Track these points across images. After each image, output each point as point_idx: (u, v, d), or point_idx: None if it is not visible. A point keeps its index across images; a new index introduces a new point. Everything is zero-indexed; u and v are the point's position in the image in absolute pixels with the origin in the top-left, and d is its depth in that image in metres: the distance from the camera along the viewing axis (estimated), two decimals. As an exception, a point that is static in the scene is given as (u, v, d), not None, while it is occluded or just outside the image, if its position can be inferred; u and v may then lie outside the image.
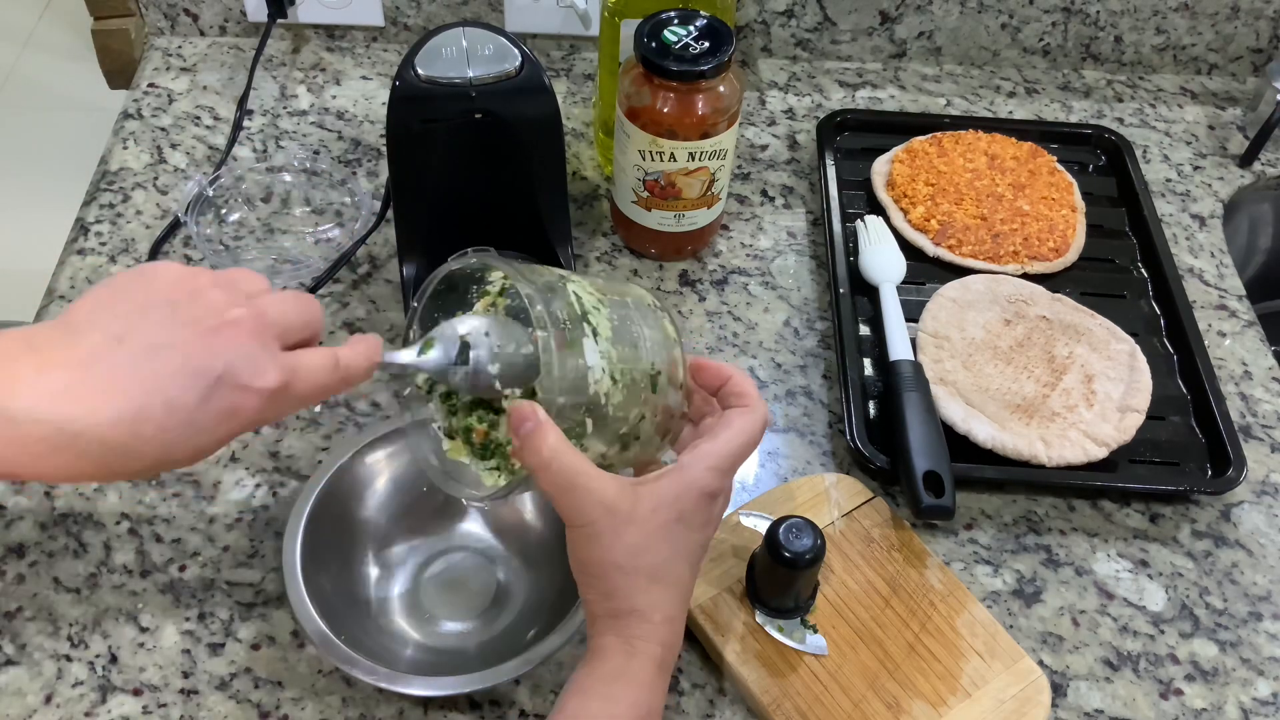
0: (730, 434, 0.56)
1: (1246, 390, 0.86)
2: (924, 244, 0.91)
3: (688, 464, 0.55)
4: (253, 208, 0.91)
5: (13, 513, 0.73)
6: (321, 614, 0.63)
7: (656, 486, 0.54)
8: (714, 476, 0.56)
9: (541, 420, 0.52)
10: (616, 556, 0.54)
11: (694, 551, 0.56)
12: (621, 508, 0.53)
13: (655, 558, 0.54)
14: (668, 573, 0.55)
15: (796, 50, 1.09)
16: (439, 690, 0.64)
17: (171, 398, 0.48)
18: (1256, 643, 0.72)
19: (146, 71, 1.04)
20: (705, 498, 0.55)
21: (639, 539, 0.54)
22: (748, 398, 0.58)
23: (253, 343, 0.50)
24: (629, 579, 0.54)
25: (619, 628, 0.54)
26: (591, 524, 0.53)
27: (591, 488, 0.53)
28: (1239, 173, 1.03)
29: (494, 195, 0.82)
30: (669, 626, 0.55)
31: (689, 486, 0.55)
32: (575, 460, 0.53)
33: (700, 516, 0.56)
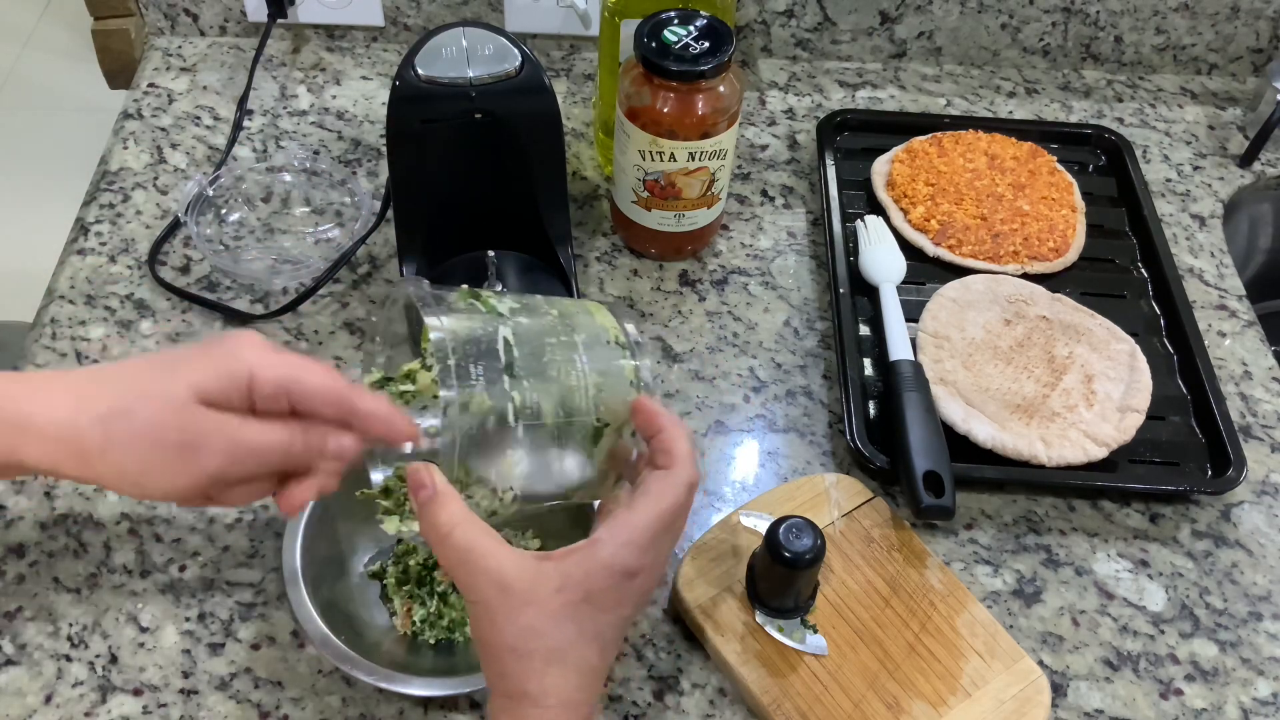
0: (647, 502, 0.52)
1: (1246, 390, 0.86)
2: (924, 244, 0.91)
3: (601, 540, 0.51)
4: (253, 208, 0.91)
5: (13, 513, 0.73)
6: (321, 614, 0.63)
7: (563, 564, 0.51)
8: (630, 553, 0.51)
9: (439, 490, 0.50)
10: (509, 638, 0.50)
11: (603, 633, 0.52)
12: (518, 587, 0.50)
13: (554, 640, 0.50)
14: (569, 656, 0.51)
15: (796, 50, 1.09)
16: (439, 690, 0.64)
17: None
18: (1256, 643, 0.72)
19: (146, 71, 1.04)
20: (618, 576, 0.51)
21: (535, 620, 0.50)
22: (671, 457, 0.54)
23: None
24: (521, 662, 0.50)
25: (511, 709, 0.51)
26: (484, 601, 0.50)
27: (487, 565, 0.50)
28: (1239, 173, 1.03)
29: (494, 195, 0.82)
30: (567, 713, 0.51)
31: (600, 565, 0.51)
32: (473, 534, 0.50)
33: (612, 596, 0.51)
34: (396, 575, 0.69)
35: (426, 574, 0.69)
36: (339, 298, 0.86)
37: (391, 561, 0.70)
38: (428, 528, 0.51)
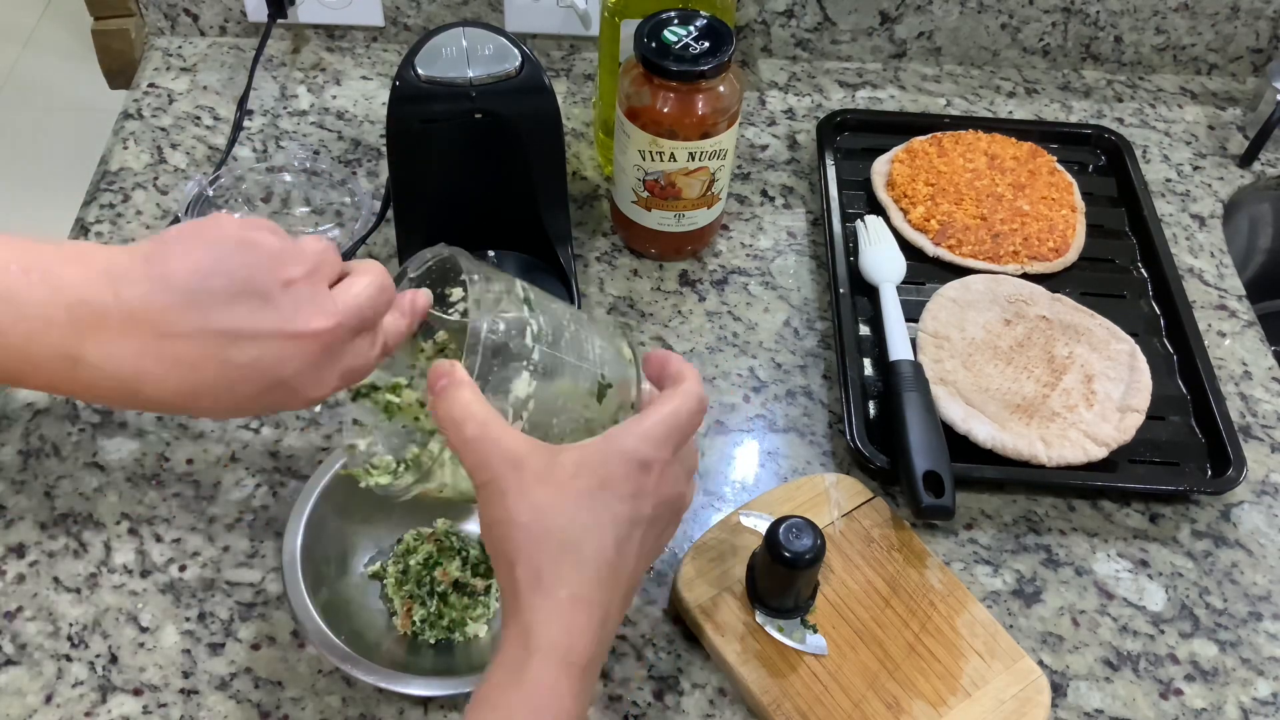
0: (659, 404, 0.53)
1: (1246, 390, 0.86)
2: (924, 244, 0.91)
3: (615, 432, 0.51)
4: (253, 208, 0.91)
5: (13, 513, 0.73)
6: (321, 614, 0.63)
7: (579, 452, 0.50)
8: (644, 443, 0.51)
9: (457, 376, 0.50)
10: (521, 514, 0.48)
11: (621, 525, 0.49)
12: (531, 463, 0.49)
13: (568, 522, 0.48)
14: (585, 544, 0.48)
15: (796, 50, 1.09)
16: (439, 690, 0.64)
17: (232, 386, 0.51)
18: (1256, 643, 0.72)
19: (146, 71, 1.04)
20: (634, 465, 0.50)
21: (550, 498, 0.48)
22: (681, 377, 0.55)
23: (321, 356, 0.52)
24: (534, 543, 0.48)
25: (520, 609, 0.48)
26: (497, 479, 0.49)
27: (501, 442, 0.49)
28: (1239, 173, 1.03)
29: (494, 195, 0.82)
30: (579, 609, 0.48)
31: (615, 451, 0.50)
32: (487, 414, 0.50)
33: (628, 485, 0.50)
34: (396, 575, 0.70)
35: (427, 574, 0.69)
36: (339, 298, 0.86)
37: (391, 561, 0.70)
38: (443, 411, 0.50)
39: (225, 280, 0.50)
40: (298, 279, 0.51)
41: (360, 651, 0.62)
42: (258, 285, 0.50)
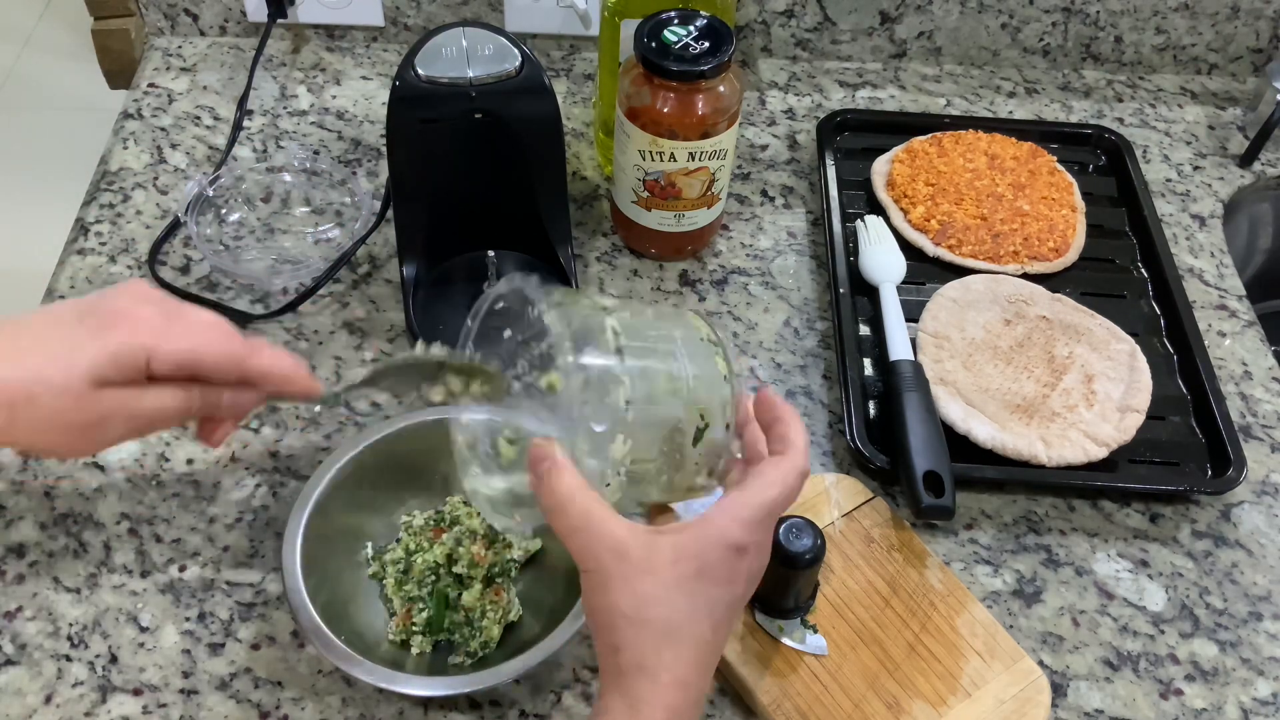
0: (761, 484, 0.53)
1: (1246, 390, 0.86)
2: (924, 244, 0.91)
3: (712, 515, 0.52)
4: (253, 208, 0.91)
5: (13, 513, 0.73)
6: (321, 614, 0.63)
7: (677, 537, 0.51)
8: (740, 528, 0.52)
9: (559, 461, 0.51)
10: (625, 605, 0.50)
11: (716, 609, 0.52)
12: (635, 555, 0.50)
13: (670, 611, 0.50)
14: (684, 630, 0.50)
15: (796, 50, 1.09)
16: (439, 690, 0.64)
17: (44, 329, 0.54)
18: (1256, 643, 0.72)
19: (146, 71, 1.04)
20: (730, 550, 0.51)
21: (652, 589, 0.50)
22: (788, 444, 0.55)
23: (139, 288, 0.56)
24: (638, 632, 0.50)
25: (624, 686, 0.50)
26: (602, 569, 0.50)
27: (605, 531, 0.50)
28: (1239, 173, 1.03)
29: (494, 195, 0.82)
30: (680, 691, 0.50)
31: (712, 538, 0.51)
32: (589, 502, 0.50)
33: (723, 571, 0.51)
34: (396, 575, 0.69)
35: (428, 574, 0.69)
36: (339, 298, 0.86)
37: (391, 562, 0.70)
38: (547, 496, 0.51)
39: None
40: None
41: (360, 651, 0.62)
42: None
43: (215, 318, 0.58)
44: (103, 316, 0.54)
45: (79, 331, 0.54)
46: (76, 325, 0.54)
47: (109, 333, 0.54)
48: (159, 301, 0.56)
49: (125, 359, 0.54)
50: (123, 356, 0.54)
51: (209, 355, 0.56)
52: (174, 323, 0.55)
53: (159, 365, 0.55)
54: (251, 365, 0.58)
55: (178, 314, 0.56)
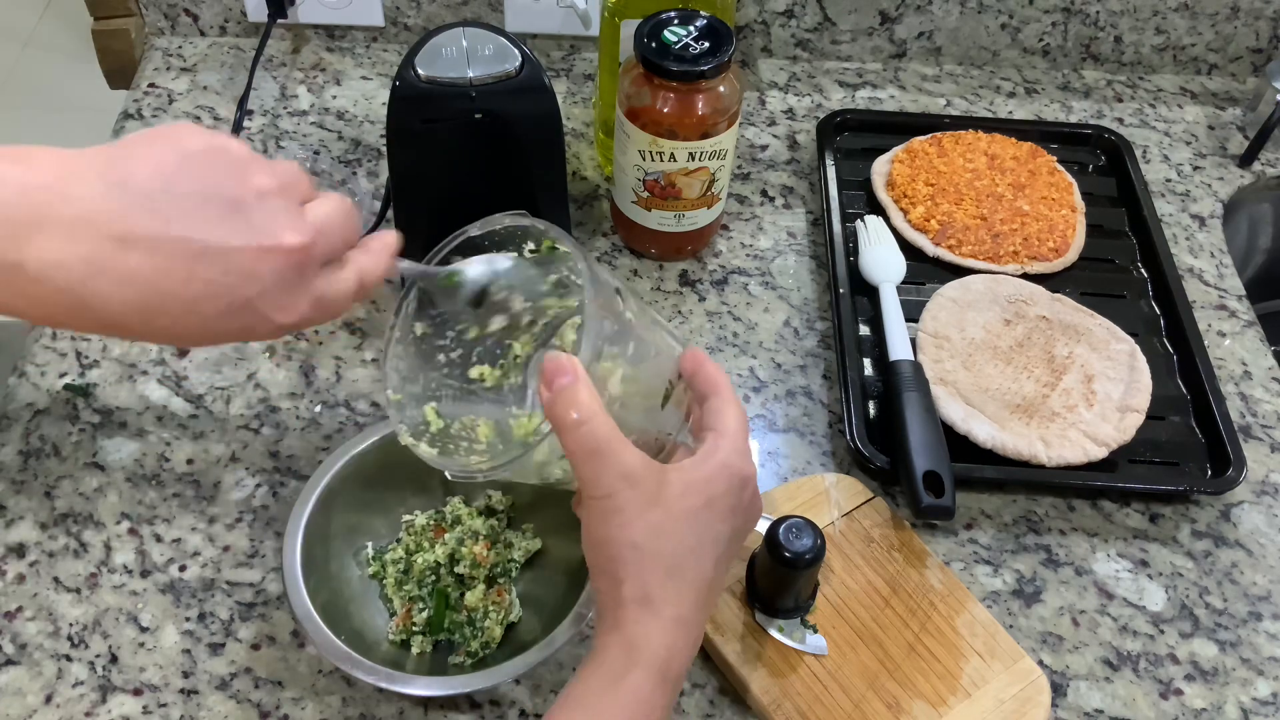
0: (727, 417, 0.53)
1: (1246, 390, 0.86)
2: (924, 244, 0.91)
3: (713, 449, 0.52)
4: (253, 208, 0.91)
5: (13, 513, 0.73)
6: (321, 614, 0.63)
7: (686, 470, 0.51)
8: (741, 459, 0.52)
9: (580, 376, 0.49)
10: (635, 535, 0.49)
11: (719, 544, 0.52)
12: (646, 484, 0.49)
13: (677, 545, 0.50)
14: (688, 565, 0.50)
15: (796, 50, 1.09)
16: (439, 690, 0.64)
17: (194, 302, 0.47)
18: (1256, 643, 0.72)
19: (146, 71, 1.04)
20: (736, 480, 0.52)
21: (662, 520, 0.49)
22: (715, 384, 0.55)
23: (293, 274, 0.49)
24: (644, 563, 0.49)
25: (624, 622, 0.49)
26: (613, 495, 0.49)
27: (620, 458, 0.49)
28: (1239, 173, 1.03)
29: (494, 195, 0.82)
30: (680, 629, 0.50)
31: (721, 467, 0.51)
32: (606, 425, 0.49)
33: (729, 501, 0.52)
34: (396, 575, 0.69)
35: (428, 574, 0.69)
36: (339, 298, 0.86)
37: (392, 562, 0.70)
38: (561, 412, 0.48)
39: (191, 184, 0.47)
40: (269, 190, 0.48)
41: (360, 651, 0.62)
42: (227, 192, 0.47)
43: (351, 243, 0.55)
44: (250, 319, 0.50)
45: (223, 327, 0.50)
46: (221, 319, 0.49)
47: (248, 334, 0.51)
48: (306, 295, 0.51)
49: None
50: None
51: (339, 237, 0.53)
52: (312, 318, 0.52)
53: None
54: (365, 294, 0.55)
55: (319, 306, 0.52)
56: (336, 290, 0.52)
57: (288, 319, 0.50)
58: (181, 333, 0.49)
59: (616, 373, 0.52)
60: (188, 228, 0.46)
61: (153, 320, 0.48)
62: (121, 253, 0.46)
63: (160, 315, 0.48)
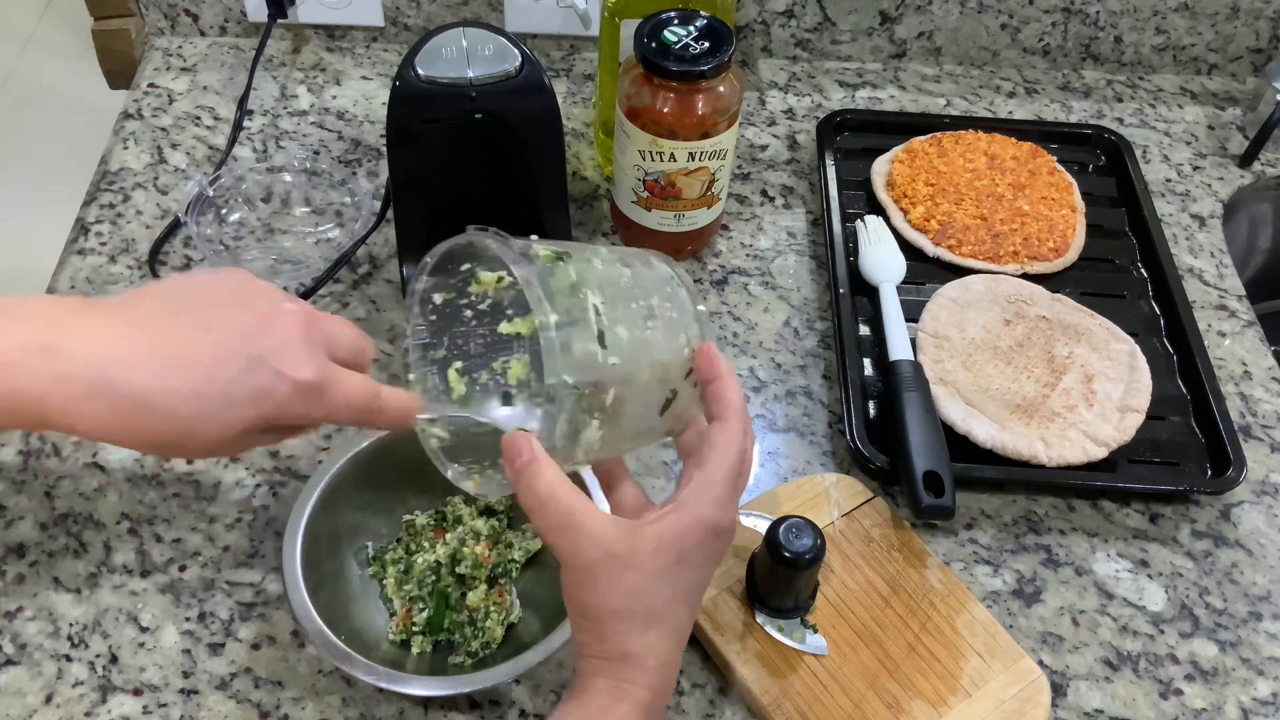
0: (717, 456, 0.53)
1: (1246, 390, 0.86)
2: (924, 244, 0.91)
3: (687, 501, 0.53)
4: (253, 208, 0.91)
5: (13, 513, 0.73)
6: (321, 614, 0.63)
7: (658, 527, 0.52)
8: (716, 509, 0.53)
9: (537, 455, 0.50)
10: (613, 601, 0.51)
11: (693, 593, 0.54)
12: (619, 550, 0.51)
13: (653, 601, 0.52)
14: (665, 616, 0.52)
15: (796, 50, 1.09)
16: (439, 690, 0.64)
17: (212, 366, 0.52)
18: (1256, 643, 0.72)
19: (146, 71, 1.04)
20: (709, 533, 0.53)
21: (637, 582, 0.51)
22: (724, 405, 0.55)
23: (299, 337, 0.54)
24: (624, 623, 0.52)
25: (610, 669, 0.52)
26: (589, 566, 0.51)
27: (590, 529, 0.51)
28: (1239, 173, 1.03)
29: (494, 195, 0.82)
30: (661, 672, 0.53)
31: (692, 524, 0.52)
32: (570, 499, 0.51)
33: (702, 554, 0.53)
34: (396, 575, 0.69)
35: (429, 574, 0.69)
36: (339, 298, 0.86)
37: (392, 562, 0.70)
38: (526, 493, 0.51)
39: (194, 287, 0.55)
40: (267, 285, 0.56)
41: (360, 651, 0.62)
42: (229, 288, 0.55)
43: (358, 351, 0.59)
44: (269, 376, 0.53)
45: (241, 390, 0.53)
46: (239, 380, 0.52)
47: (268, 398, 0.53)
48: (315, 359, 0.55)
49: (278, 421, 0.55)
50: (276, 420, 0.54)
51: (345, 416, 0.57)
52: (325, 388, 0.55)
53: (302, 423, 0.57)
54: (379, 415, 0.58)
55: (331, 378, 0.55)
56: (349, 377, 0.56)
57: (298, 374, 0.53)
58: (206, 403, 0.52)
59: (592, 423, 0.52)
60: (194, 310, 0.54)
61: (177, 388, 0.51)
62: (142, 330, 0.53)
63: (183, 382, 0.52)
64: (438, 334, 0.60)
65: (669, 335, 0.55)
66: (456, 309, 0.60)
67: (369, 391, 0.57)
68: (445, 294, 0.60)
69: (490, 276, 0.60)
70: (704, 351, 0.56)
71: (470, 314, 0.61)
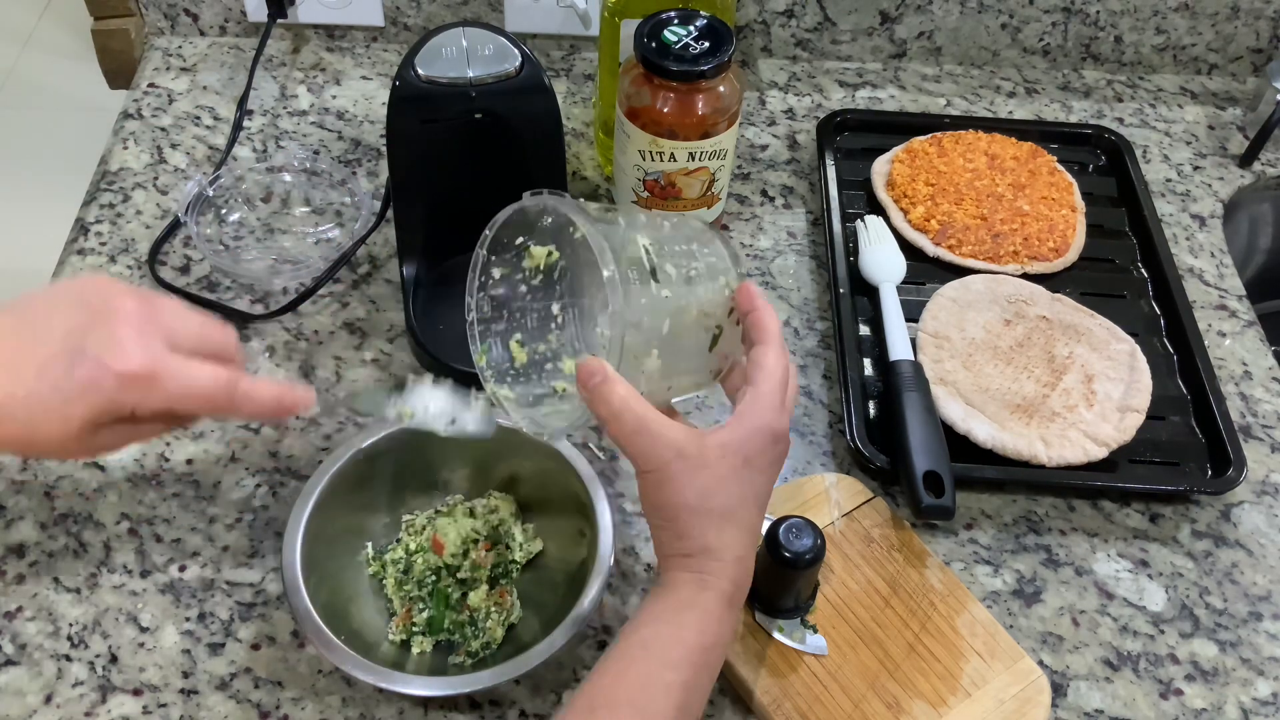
0: (765, 373, 0.58)
1: (1246, 390, 0.86)
2: (924, 244, 0.91)
3: (745, 412, 0.58)
4: (253, 208, 0.91)
5: (13, 513, 0.73)
6: (321, 614, 0.63)
7: (723, 434, 0.57)
8: (772, 415, 0.58)
9: (609, 374, 0.55)
10: (689, 498, 0.55)
11: (761, 494, 0.58)
12: (691, 452, 0.55)
13: (726, 499, 0.56)
14: (739, 515, 0.57)
15: (796, 50, 1.09)
16: (439, 690, 0.64)
17: (43, 367, 0.55)
18: (1256, 643, 0.72)
19: (146, 71, 1.04)
20: (769, 439, 0.57)
21: (709, 481, 0.56)
22: (764, 331, 0.60)
23: (128, 329, 0.56)
24: (701, 520, 0.56)
25: (691, 564, 0.56)
26: (663, 467, 0.55)
27: (663, 433, 0.55)
28: (1239, 173, 1.03)
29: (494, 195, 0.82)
30: (739, 565, 0.57)
31: (754, 430, 0.57)
32: (643, 408, 0.55)
33: (765, 458, 0.58)
34: (396, 576, 0.69)
35: (429, 574, 0.69)
36: (339, 298, 0.86)
37: (392, 562, 0.70)
38: (601, 406, 0.55)
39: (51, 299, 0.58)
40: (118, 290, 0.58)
41: (360, 651, 0.62)
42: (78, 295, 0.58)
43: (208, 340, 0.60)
44: (92, 367, 0.55)
45: (70, 384, 0.55)
46: (67, 375, 0.55)
47: (97, 390, 0.55)
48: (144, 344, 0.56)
49: (115, 412, 0.57)
50: (112, 412, 0.56)
51: (193, 404, 0.59)
52: (158, 376, 0.56)
53: (145, 414, 0.58)
54: (238, 405, 0.60)
55: (164, 368, 0.57)
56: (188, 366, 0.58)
57: (121, 365, 0.55)
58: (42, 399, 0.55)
59: (652, 352, 0.57)
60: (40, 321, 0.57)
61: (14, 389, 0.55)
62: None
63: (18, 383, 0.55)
64: (498, 308, 0.65)
65: (710, 275, 0.60)
66: (513, 284, 0.65)
67: (219, 380, 0.58)
68: (503, 269, 0.64)
69: (541, 251, 0.64)
70: (743, 288, 0.61)
71: (525, 289, 0.65)
